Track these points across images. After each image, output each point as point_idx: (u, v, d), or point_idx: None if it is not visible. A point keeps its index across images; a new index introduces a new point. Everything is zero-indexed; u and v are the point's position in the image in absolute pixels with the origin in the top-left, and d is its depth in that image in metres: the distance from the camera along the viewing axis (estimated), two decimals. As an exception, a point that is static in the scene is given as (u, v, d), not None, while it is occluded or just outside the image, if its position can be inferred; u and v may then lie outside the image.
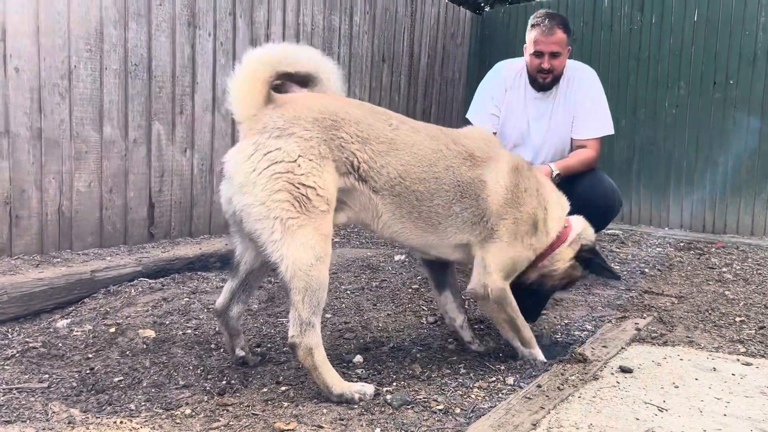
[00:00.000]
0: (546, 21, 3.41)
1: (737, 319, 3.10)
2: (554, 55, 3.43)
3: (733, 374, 2.29)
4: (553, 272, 2.54)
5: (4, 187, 3.40)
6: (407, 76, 6.67)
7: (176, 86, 4.25)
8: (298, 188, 1.94)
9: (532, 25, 3.48)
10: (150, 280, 3.40)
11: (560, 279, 2.58)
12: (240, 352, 2.33)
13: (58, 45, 3.56)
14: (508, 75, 3.63)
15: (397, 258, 4.21)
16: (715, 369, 2.34)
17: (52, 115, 3.58)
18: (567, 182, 3.42)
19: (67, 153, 3.67)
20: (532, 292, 2.66)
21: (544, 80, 3.50)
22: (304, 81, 2.21)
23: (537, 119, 3.60)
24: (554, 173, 3.21)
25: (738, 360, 2.47)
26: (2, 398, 1.98)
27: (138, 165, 4.07)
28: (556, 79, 3.54)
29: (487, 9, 8.31)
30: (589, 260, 2.57)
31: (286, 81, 2.19)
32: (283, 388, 2.12)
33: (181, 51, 4.25)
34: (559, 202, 2.57)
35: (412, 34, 6.64)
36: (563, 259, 2.52)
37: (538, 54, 3.44)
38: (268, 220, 1.93)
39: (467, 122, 3.85)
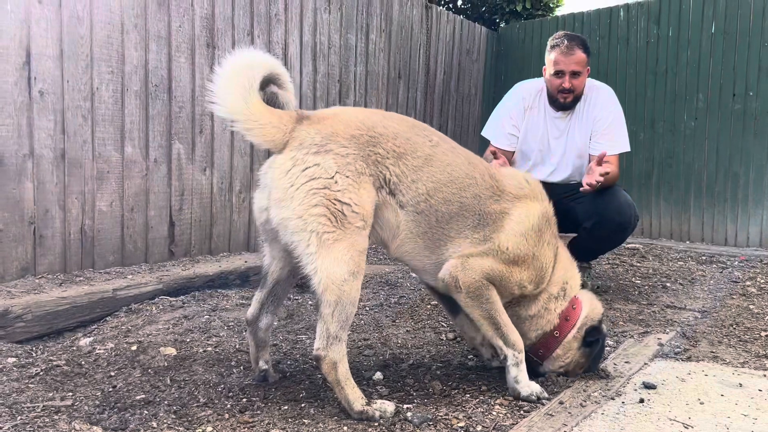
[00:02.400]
0: (565, 41, 3.44)
1: (763, 333, 3.05)
2: (575, 74, 3.45)
3: (760, 390, 2.25)
4: (567, 362, 2.37)
5: (28, 208, 3.46)
6: (423, 93, 6.70)
7: (196, 106, 4.32)
8: (335, 204, 1.95)
9: (552, 46, 3.50)
10: (171, 298, 3.43)
11: (580, 368, 2.38)
12: (263, 365, 2.34)
13: (81, 68, 3.64)
14: (527, 95, 3.66)
15: (415, 274, 4.20)
16: (741, 385, 2.30)
17: (75, 136, 3.64)
18: (582, 198, 3.42)
19: (90, 173, 3.73)
20: None
21: (565, 100, 3.52)
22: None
23: (556, 138, 3.63)
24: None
25: (765, 375, 2.43)
26: (27, 416, 2.01)
27: (158, 184, 4.12)
28: (576, 99, 3.55)
29: (502, 25, 8.34)
30: (594, 344, 2.35)
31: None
32: (303, 405, 2.12)
33: (201, 71, 4.32)
34: (573, 272, 2.40)
35: (427, 50, 6.68)
36: (572, 348, 2.34)
37: (558, 74, 3.46)
38: (305, 233, 1.94)
39: (484, 140, 3.88)
